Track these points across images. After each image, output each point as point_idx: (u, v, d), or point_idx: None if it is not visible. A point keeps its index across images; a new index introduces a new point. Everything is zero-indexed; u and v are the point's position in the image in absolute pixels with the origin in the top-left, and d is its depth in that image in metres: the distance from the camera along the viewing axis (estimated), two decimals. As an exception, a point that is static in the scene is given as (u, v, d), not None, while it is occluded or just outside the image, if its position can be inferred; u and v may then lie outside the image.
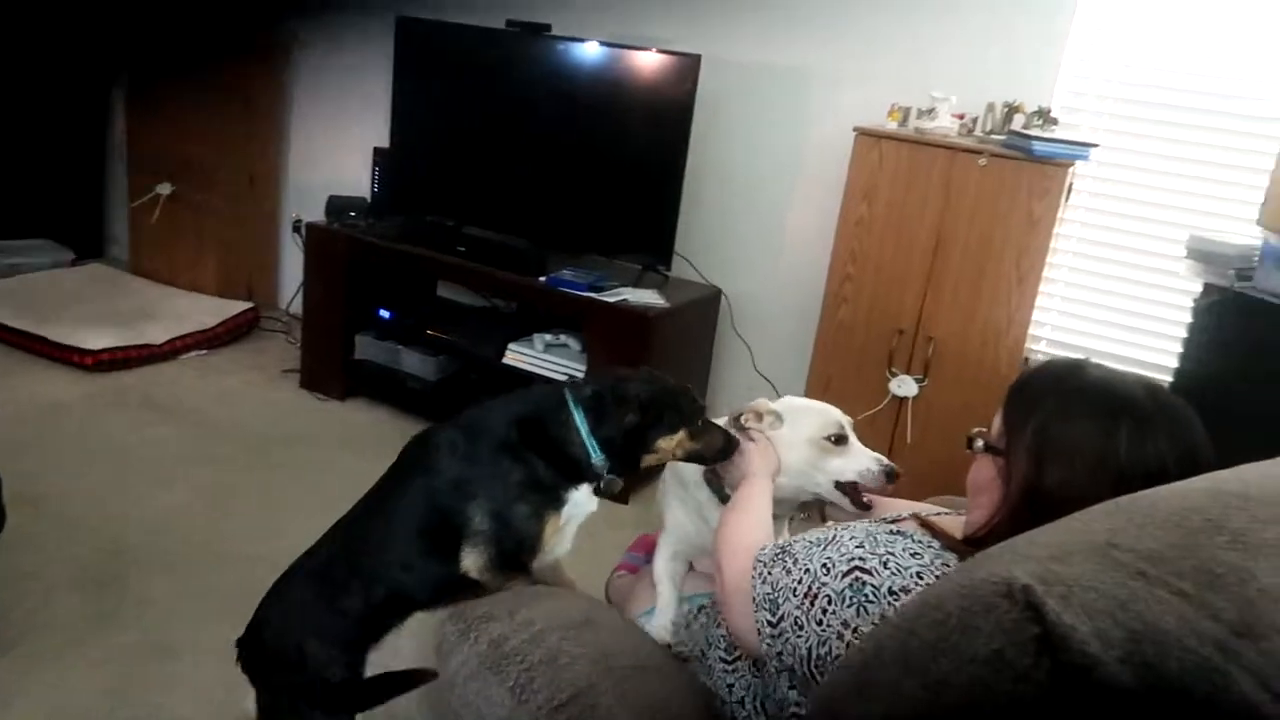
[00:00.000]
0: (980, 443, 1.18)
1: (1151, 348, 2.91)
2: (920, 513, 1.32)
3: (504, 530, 1.44)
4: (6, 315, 3.73)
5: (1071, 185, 2.72)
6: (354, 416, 3.55)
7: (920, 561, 1.08)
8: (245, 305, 4.21)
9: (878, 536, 1.14)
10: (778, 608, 1.14)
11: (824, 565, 1.12)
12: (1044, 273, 2.69)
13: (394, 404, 3.60)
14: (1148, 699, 0.66)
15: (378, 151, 3.73)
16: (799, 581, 1.13)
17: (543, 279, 3.17)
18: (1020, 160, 2.62)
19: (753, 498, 1.40)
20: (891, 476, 1.51)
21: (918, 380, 2.83)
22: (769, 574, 1.17)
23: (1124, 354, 2.95)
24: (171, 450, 3.09)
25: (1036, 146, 2.60)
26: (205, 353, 3.94)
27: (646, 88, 3.17)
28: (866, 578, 1.08)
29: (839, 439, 1.53)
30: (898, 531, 1.14)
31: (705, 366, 3.48)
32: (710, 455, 1.50)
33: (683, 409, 1.49)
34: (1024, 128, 2.73)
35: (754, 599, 1.17)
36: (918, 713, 0.79)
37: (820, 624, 1.09)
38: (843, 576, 1.09)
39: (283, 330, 4.25)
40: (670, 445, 1.48)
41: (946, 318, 2.79)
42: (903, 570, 1.07)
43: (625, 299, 3.07)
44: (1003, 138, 2.77)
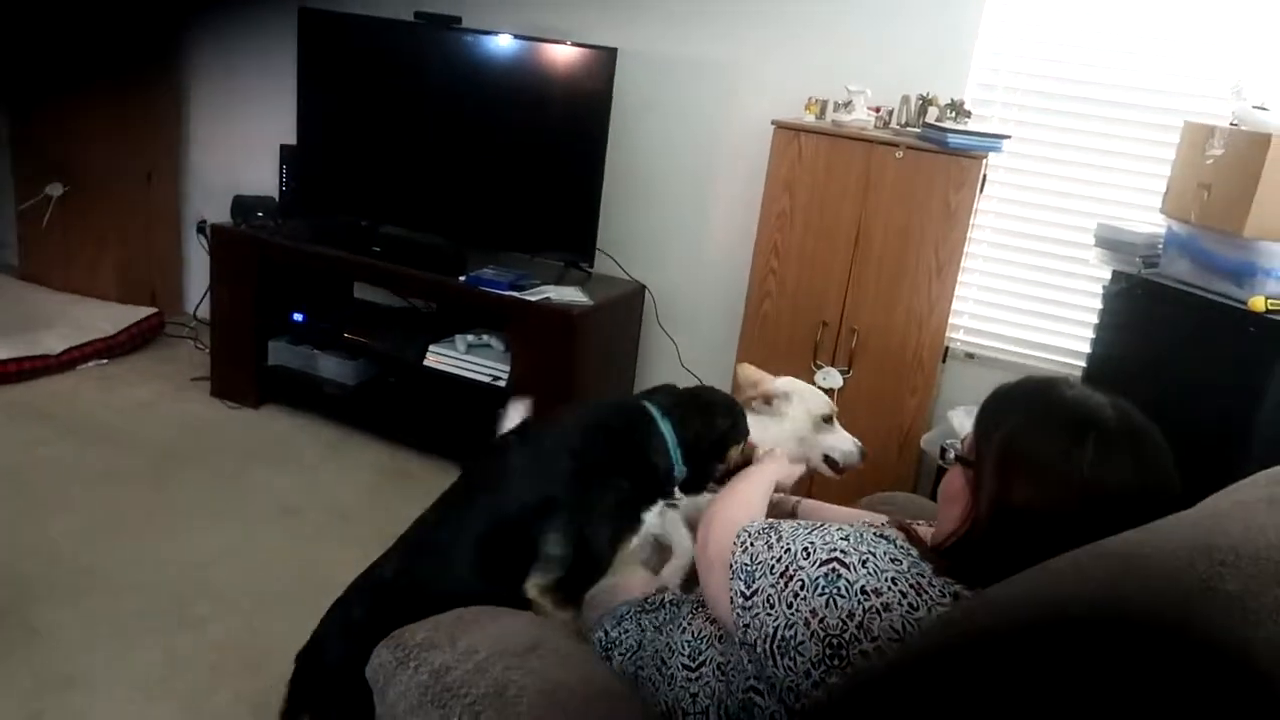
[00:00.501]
0: (952, 453, 1.19)
1: (1065, 334, 2.98)
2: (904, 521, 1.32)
3: (582, 554, 1.41)
4: (-117, 329, 3.50)
5: (985, 176, 2.76)
6: (269, 425, 3.42)
7: (898, 567, 1.08)
8: (148, 311, 4.02)
9: (864, 535, 1.14)
10: (754, 580, 1.14)
11: (805, 549, 1.12)
12: (962, 262, 2.73)
13: (312, 410, 3.48)
14: None
15: (285, 149, 3.59)
16: (778, 559, 1.13)
17: (462, 278, 3.10)
18: (936, 152, 2.66)
19: (752, 484, 1.44)
20: (863, 456, 1.80)
21: (843, 372, 2.85)
22: (751, 545, 1.18)
23: (1039, 340, 3.02)
24: (68, 469, 2.92)
25: (951, 139, 2.63)
26: (105, 362, 3.75)
27: (563, 81, 3.11)
28: (843, 570, 1.08)
29: (828, 419, 1.77)
30: (882, 535, 1.15)
31: (631, 363, 3.45)
32: (745, 465, 1.57)
33: (742, 419, 1.59)
34: (938, 120, 2.76)
35: (731, 566, 1.17)
36: None
37: (790, 607, 1.09)
38: (821, 564, 1.10)
39: (190, 336, 4.08)
40: (735, 454, 1.55)
41: (869, 309, 2.81)
42: (879, 572, 1.07)
43: (548, 297, 3.01)
44: (918, 130, 2.80)
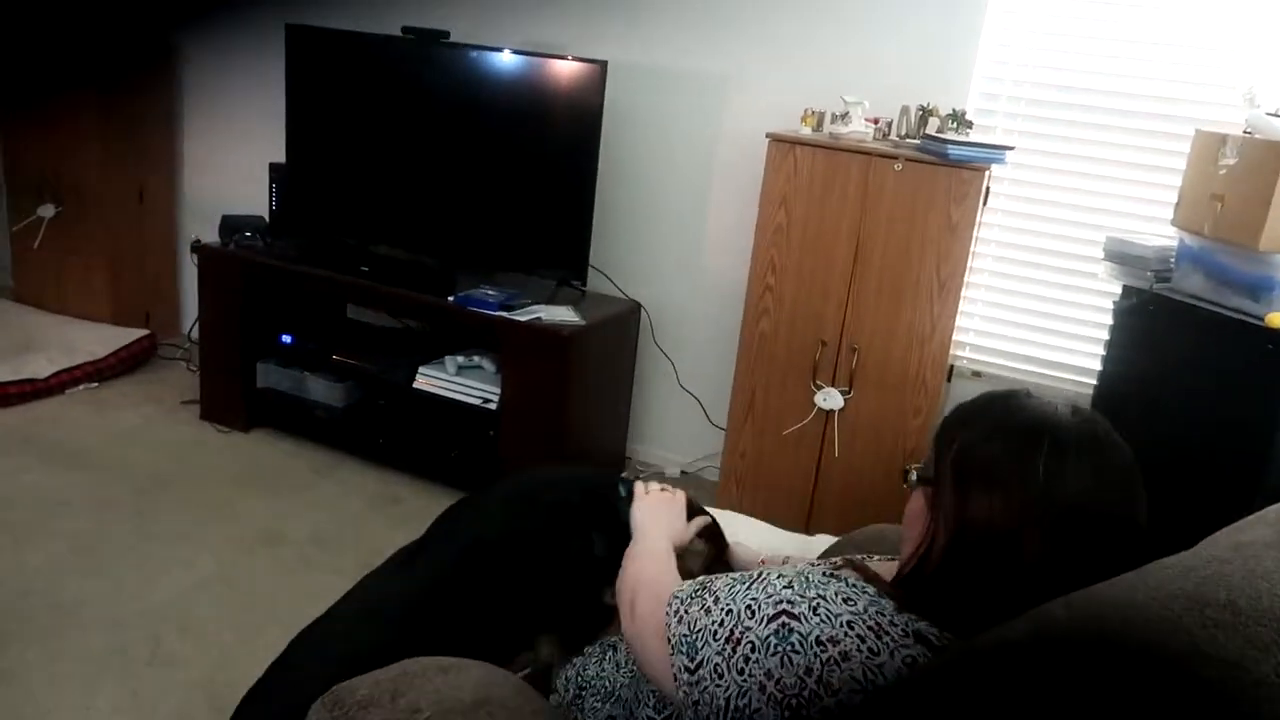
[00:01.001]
0: (914, 475, 1.12)
1: (1075, 350, 2.88)
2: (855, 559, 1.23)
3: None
4: None
5: (989, 189, 2.67)
6: (257, 449, 3.35)
7: (852, 608, 1.00)
8: (140, 333, 3.97)
9: (809, 577, 1.05)
10: (696, 652, 1.03)
11: (748, 607, 1.03)
12: (965, 278, 2.64)
13: (301, 434, 3.41)
14: None
15: (274, 167, 3.53)
16: (720, 624, 1.03)
17: (451, 298, 3.02)
18: (936, 165, 2.56)
19: (650, 538, 1.34)
20: None
21: (843, 392, 2.75)
22: (687, 612, 1.07)
23: (1047, 357, 2.91)
24: (48, 498, 2.84)
25: (952, 150, 2.54)
26: (96, 385, 3.69)
27: (552, 96, 3.04)
28: (794, 624, 0.99)
29: None
30: (832, 575, 1.06)
31: (628, 384, 3.36)
32: None
33: None
34: (939, 131, 2.67)
35: (669, 640, 1.06)
36: None
37: (742, 673, 0.99)
38: (768, 621, 1.00)
39: (183, 358, 4.02)
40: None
41: (869, 327, 2.71)
42: (833, 618, 0.99)
43: (539, 317, 2.93)
44: (918, 142, 2.71)
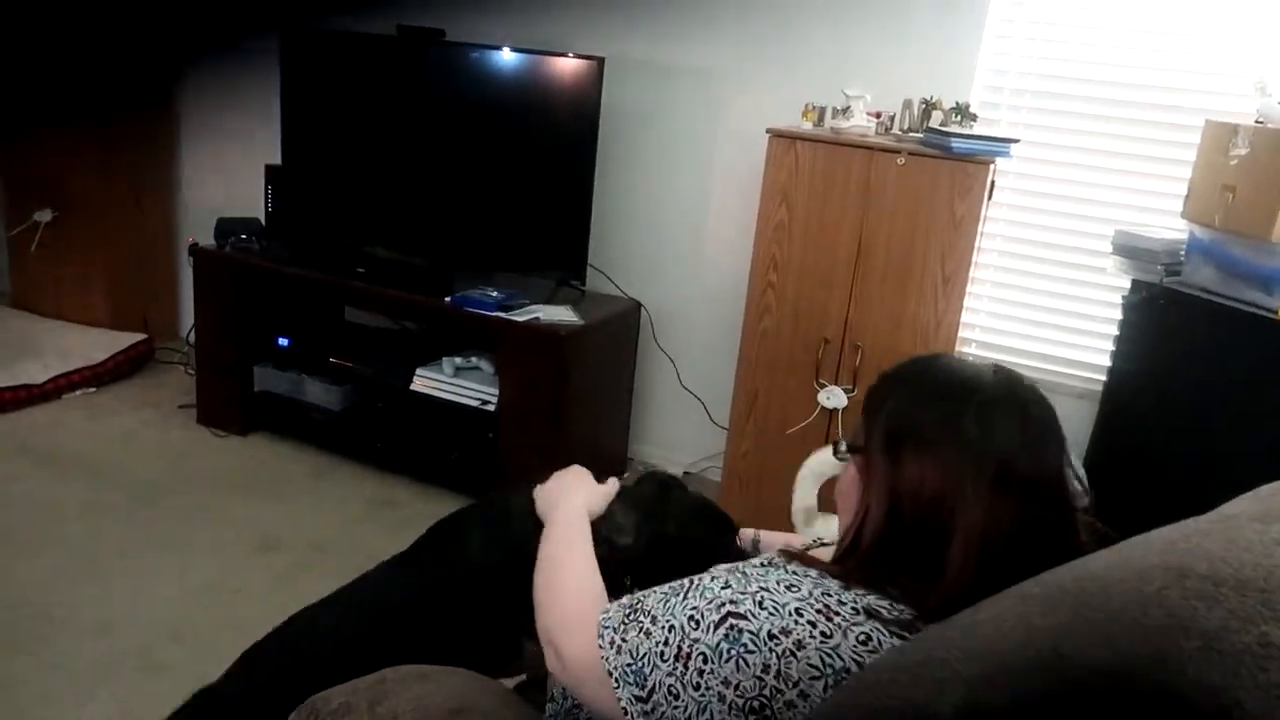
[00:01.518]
0: (844, 446, 1.11)
1: (1083, 346, 2.83)
2: (792, 545, 1.22)
3: None
4: None
5: (993, 182, 2.62)
6: (255, 453, 3.31)
7: (798, 594, 0.96)
8: (138, 337, 3.94)
9: (746, 572, 1.01)
10: (645, 679, 0.98)
11: (690, 618, 0.98)
12: (970, 273, 2.59)
13: (298, 437, 3.37)
14: None
15: (270, 169, 3.50)
16: (665, 643, 0.98)
17: (449, 299, 2.98)
18: (940, 158, 2.52)
19: (564, 540, 1.23)
20: None
21: (846, 391, 2.70)
22: (623, 640, 1.01)
23: (1055, 353, 2.86)
24: (41, 505, 2.81)
25: (956, 144, 2.49)
26: (93, 390, 3.66)
27: (549, 93, 3.00)
28: (742, 624, 0.95)
29: None
30: (770, 564, 1.02)
31: (628, 384, 3.32)
32: None
33: None
34: (942, 124, 2.62)
35: (611, 674, 1.00)
36: None
37: (699, 689, 0.95)
38: (715, 628, 0.96)
39: (181, 362, 3.99)
40: None
41: (873, 324, 2.66)
42: (780, 608, 0.95)
43: (536, 317, 2.89)
44: (921, 135, 2.66)
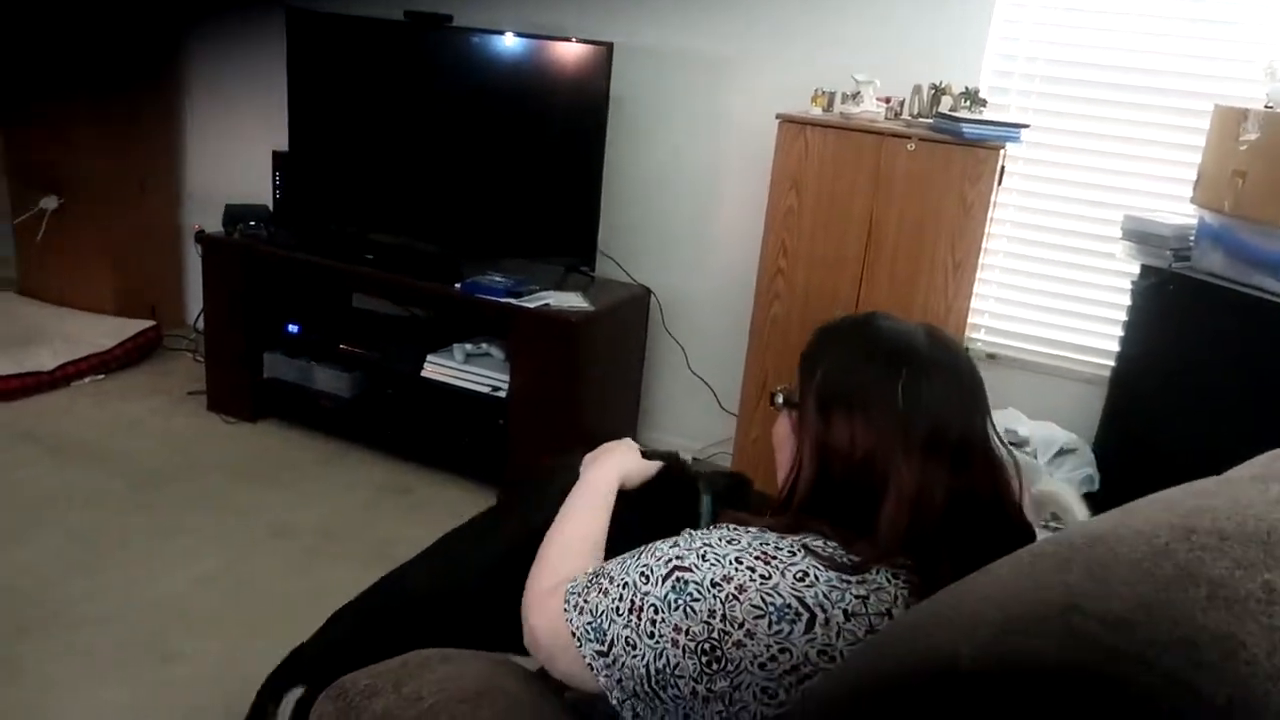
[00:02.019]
0: (780, 398, 1.16)
1: (1092, 331, 2.83)
2: None
3: None
4: (-127, 348, 3.43)
5: (1003, 168, 2.62)
6: (264, 440, 3.32)
7: (737, 547, 1.02)
8: (146, 324, 3.94)
9: (693, 533, 1.07)
10: (604, 634, 1.04)
11: (642, 574, 1.04)
12: (980, 259, 2.59)
13: (308, 424, 3.38)
14: None
15: (278, 155, 3.50)
16: (619, 599, 1.04)
17: (458, 285, 2.98)
18: (950, 144, 2.52)
19: (572, 508, 1.27)
20: None
21: (855, 377, 2.71)
22: (584, 602, 1.07)
23: (1064, 339, 2.87)
24: (54, 492, 2.82)
25: (966, 129, 2.50)
26: (102, 378, 3.66)
27: (557, 79, 2.99)
28: (687, 574, 1.01)
29: None
30: (712, 526, 1.09)
31: (638, 370, 3.32)
32: None
33: None
34: (952, 110, 2.63)
35: (575, 634, 1.06)
36: None
37: (652, 636, 1.00)
38: (663, 581, 1.02)
39: (190, 349, 3.99)
40: None
41: (882, 309, 2.66)
42: (721, 559, 1.01)
43: (547, 303, 2.89)
44: (931, 121, 2.66)
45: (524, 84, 3.04)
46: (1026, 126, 2.59)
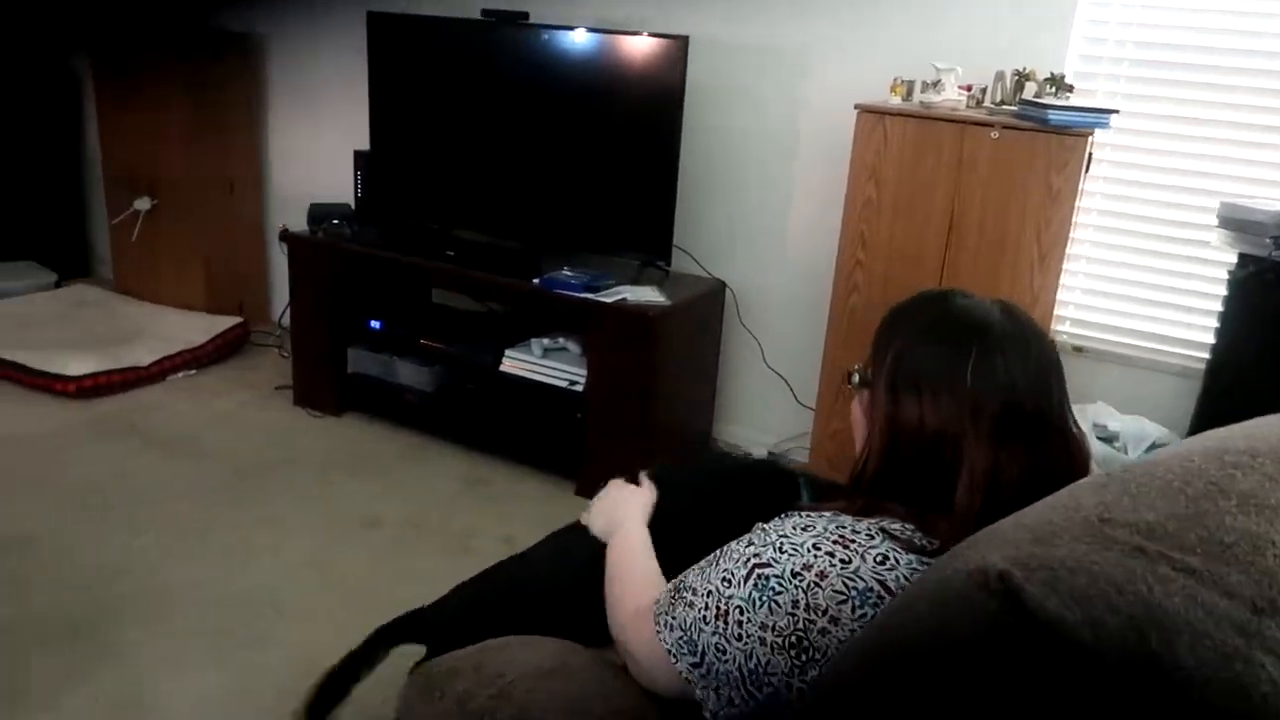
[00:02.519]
0: (856, 377, 1.15)
1: (1185, 323, 2.74)
2: None
3: None
4: (-16, 344, 3.61)
5: (1091, 155, 2.55)
6: (349, 433, 3.41)
7: (813, 533, 1.02)
8: (234, 321, 4.07)
9: (766, 527, 1.07)
10: (695, 645, 1.04)
11: (724, 579, 1.05)
12: (1067, 249, 2.53)
13: (390, 418, 3.46)
14: (1155, 693, 0.56)
15: (359, 155, 3.58)
16: (705, 607, 1.05)
17: (536, 280, 3.02)
18: (1035, 131, 2.46)
19: (623, 554, 1.31)
20: None
21: (937, 370, 2.67)
22: (672, 618, 1.08)
23: (1155, 330, 2.79)
24: (154, 482, 2.94)
25: (1052, 115, 2.43)
26: (195, 373, 3.80)
27: (633, 73, 3.00)
28: (767, 570, 1.01)
29: None
30: (784, 516, 1.08)
31: (713, 364, 3.32)
32: None
33: None
34: (1037, 96, 2.56)
35: (669, 651, 1.07)
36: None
37: (740, 639, 1.01)
38: (744, 582, 1.02)
39: (275, 345, 4.12)
40: None
41: (964, 301, 2.62)
42: (799, 548, 1.01)
43: (624, 298, 2.91)
44: (1015, 108, 2.60)
45: (599, 79, 3.06)
46: (1116, 112, 2.51)
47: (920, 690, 0.67)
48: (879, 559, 0.98)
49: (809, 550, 1.00)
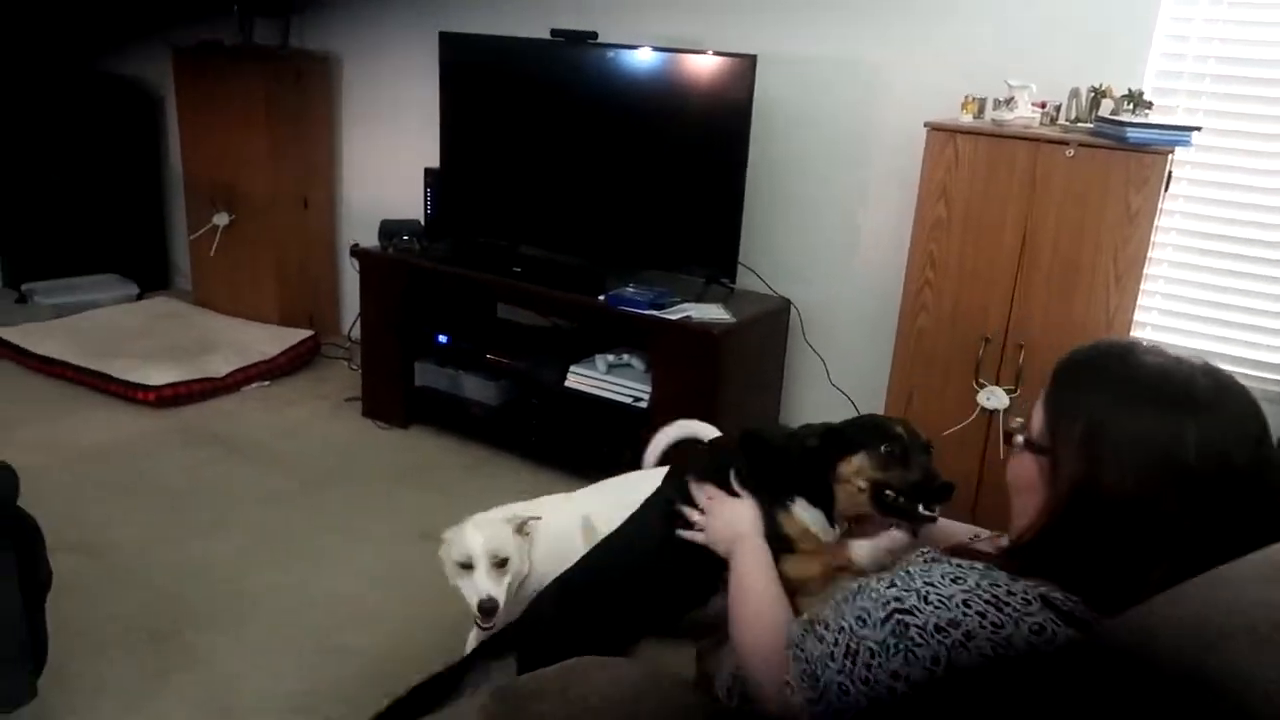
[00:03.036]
0: (1021, 438, 1.06)
1: (1269, 346, 2.65)
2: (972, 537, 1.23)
3: None
4: (70, 352, 3.75)
5: (1171, 173, 2.49)
6: (417, 445, 3.47)
7: (964, 586, 0.95)
8: (305, 333, 4.17)
9: (911, 571, 1.01)
10: (818, 681, 1.01)
11: (859, 618, 1.00)
12: (1144, 269, 2.47)
13: (457, 431, 3.51)
14: None
15: (429, 172, 3.65)
16: (835, 644, 1.01)
17: (602, 298, 3.04)
18: (1112, 149, 2.41)
19: (753, 569, 1.30)
20: (489, 614, 1.76)
21: (1008, 391, 2.62)
22: (802, 650, 1.06)
23: (1237, 354, 2.70)
24: (231, 490, 3.03)
25: (1131, 133, 2.38)
26: (268, 383, 3.90)
27: (701, 92, 3.02)
28: (909, 618, 0.95)
29: (466, 566, 1.82)
30: (931, 559, 1.03)
31: (777, 382, 3.31)
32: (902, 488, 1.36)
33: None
34: (1114, 113, 2.51)
35: (789, 682, 1.05)
36: None
37: (867, 683, 0.96)
38: (882, 624, 0.97)
39: (344, 357, 4.20)
40: (849, 470, 1.39)
41: (1038, 323, 2.58)
42: (947, 601, 0.95)
43: (689, 315, 2.92)
44: (1090, 125, 2.55)
45: (667, 97, 3.07)
46: (1198, 129, 2.44)
47: None
48: (1034, 628, 0.91)
49: (958, 606, 0.94)
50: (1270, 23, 2.51)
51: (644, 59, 3.08)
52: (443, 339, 3.53)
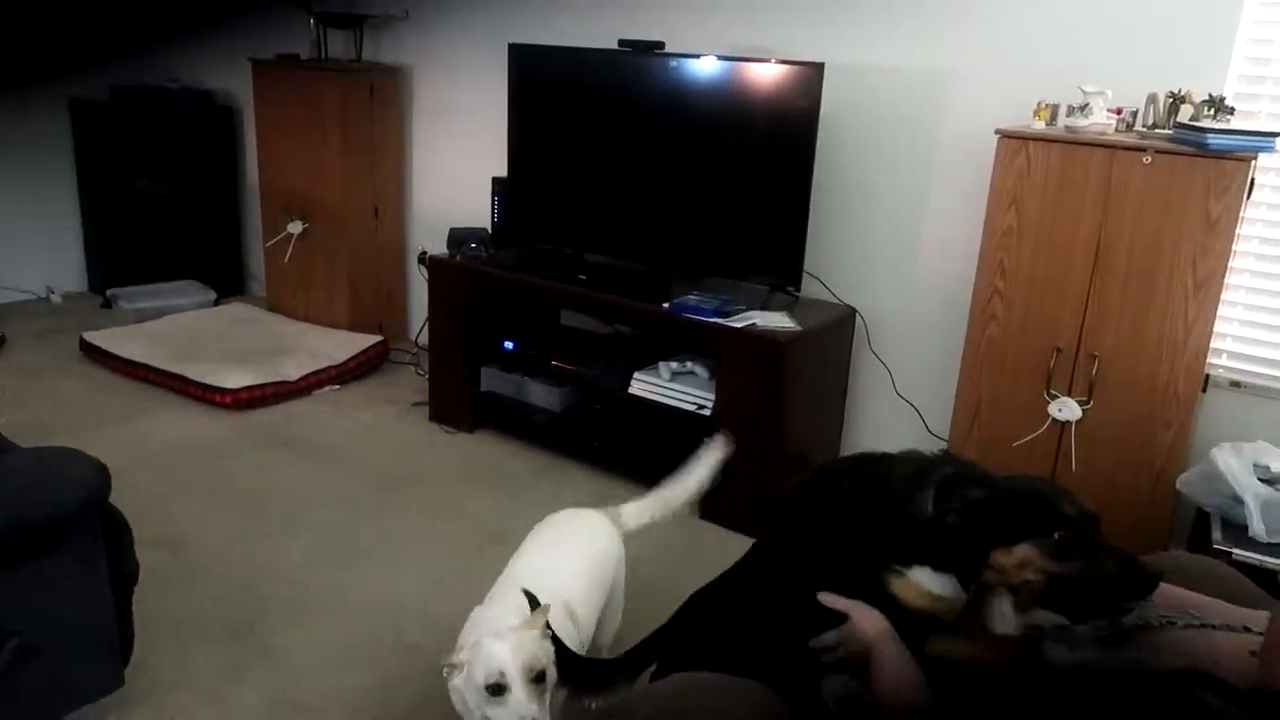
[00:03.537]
0: None
1: (1356, 359, 2.57)
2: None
3: None
4: (151, 355, 3.88)
5: (1254, 180, 2.42)
6: (482, 450, 3.52)
7: None
8: (375, 339, 4.26)
9: None
10: None
11: None
12: (1225, 279, 2.40)
13: (521, 436, 3.55)
14: None
15: (496, 181, 3.70)
16: None
17: (666, 305, 3.06)
18: (1192, 156, 2.35)
19: (899, 666, 1.28)
20: None
21: (1081, 403, 2.57)
22: None
23: (1322, 367, 2.61)
24: (303, 491, 3.11)
25: (1211, 139, 2.32)
26: (338, 388, 3.99)
27: (767, 100, 3.02)
28: None
29: (497, 688, 1.48)
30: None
31: (842, 392, 3.29)
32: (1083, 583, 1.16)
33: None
34: (1193, 119, 2.45)
35: None
36: None
37: None
38: None
39: (412, 363, 4.28)
40: (1010, 561, 1.20)
41: (1112, 333, 2.52)
42: None
43: (754, 323, 2.92)
44: (1169, 132, 2.50)
45: (734, 106, 3.08)
46: (1281, 135, 2.38)
47: None
48: None
49: None
50: (1360, 25, 2.43)
51: (710, 68, 3.09)
52: (508, 345, 3.58)
